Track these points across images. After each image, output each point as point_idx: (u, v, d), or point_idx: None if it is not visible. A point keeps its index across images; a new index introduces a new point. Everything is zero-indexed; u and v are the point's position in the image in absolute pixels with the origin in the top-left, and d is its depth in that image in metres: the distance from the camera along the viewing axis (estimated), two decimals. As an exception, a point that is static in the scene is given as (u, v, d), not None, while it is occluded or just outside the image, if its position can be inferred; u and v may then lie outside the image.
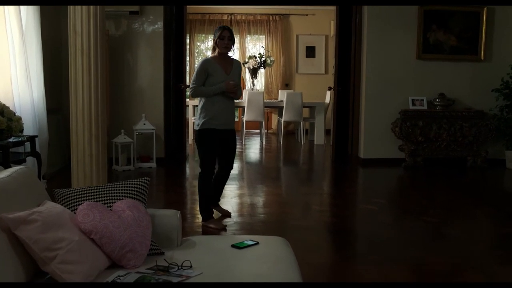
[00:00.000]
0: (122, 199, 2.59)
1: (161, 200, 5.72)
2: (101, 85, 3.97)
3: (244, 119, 9.90)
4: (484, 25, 7.63)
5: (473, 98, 7.77)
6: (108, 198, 2.58)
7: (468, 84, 7.78)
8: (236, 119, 11.66)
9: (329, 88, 9.06)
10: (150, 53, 7.56)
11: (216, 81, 4.48)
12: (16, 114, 4.71)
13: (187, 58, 10.18)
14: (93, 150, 3.89)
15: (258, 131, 11.73)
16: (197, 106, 10.23)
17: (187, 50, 9.94)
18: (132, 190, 2.66)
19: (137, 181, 2.71)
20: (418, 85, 7.71)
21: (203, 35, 12.68)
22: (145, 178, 2.76)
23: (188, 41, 11.51)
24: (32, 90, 5.52)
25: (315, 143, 10.20)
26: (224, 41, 4.47)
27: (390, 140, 7.70)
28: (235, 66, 4.66)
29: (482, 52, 7.68)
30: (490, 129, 7.52)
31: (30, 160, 5.16)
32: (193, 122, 10.03)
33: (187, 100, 9.04)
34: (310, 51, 12.57)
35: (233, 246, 2.66)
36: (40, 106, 5.80)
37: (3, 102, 4.71)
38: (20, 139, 4.72)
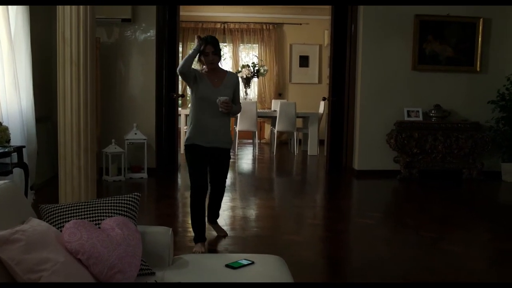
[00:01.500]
0: (111, 216, 2.47)
1: (152, 213, 5.58)
2: (91, 95, 3.83)
3: (237, 129, 9.79)
4: (480, 36, 7.57)
5: (469, 110, 7.70)
6: (96, 215, 2.47)
7: (464, 96, 7.71)
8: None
9: (324, 99, 8.99)
10: (142, 61, 7.43)
11: (202, 91, 4.15)
12: (3, 124, 4.57)
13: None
14: (82, 162, 3.75)
15: (251, 141, 11.61)
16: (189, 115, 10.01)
17: (180, 58, 9.82)
18: (121, 207, 2.54)
19: (127, 197, 2.59)
20: (413, 96, 7.62)
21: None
22: (136, 193, 2.64)
23: (180, 49, 11.38)
24: (20, 98, 5.37)
25: (308, 153, 10.10)
26: (209, 58, 4.13)
27: (385, 152, 7.60)
28: (228, 80, 4.28)
29: (478, 64, 7.62)
30: (486, 141, 7.45)
31: (17, 171, 5.01)
32: (185, 131, 9.96)
33: (179, 109, 8.91)
34: (304, 61, 12.49)
35: (227, 266, 2.55)
36: (29, 115, 5.65)
37: (-10, 111, 4.57)
38: (6, 150, 4.56)
